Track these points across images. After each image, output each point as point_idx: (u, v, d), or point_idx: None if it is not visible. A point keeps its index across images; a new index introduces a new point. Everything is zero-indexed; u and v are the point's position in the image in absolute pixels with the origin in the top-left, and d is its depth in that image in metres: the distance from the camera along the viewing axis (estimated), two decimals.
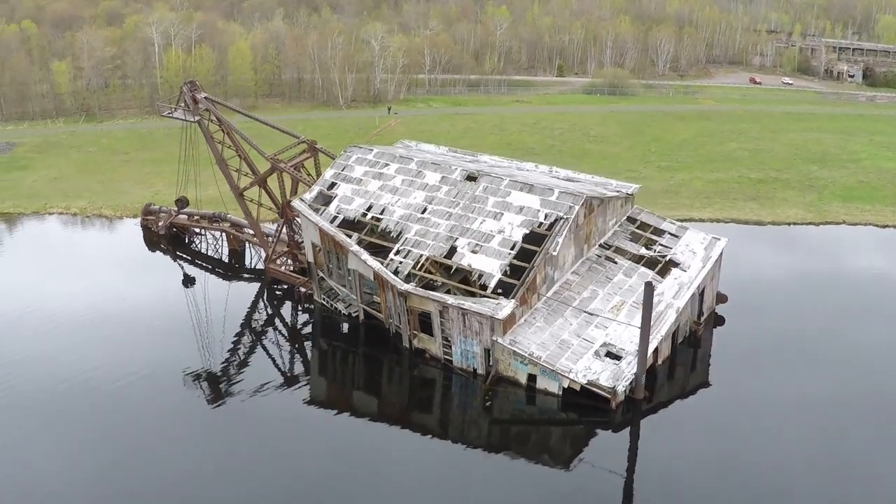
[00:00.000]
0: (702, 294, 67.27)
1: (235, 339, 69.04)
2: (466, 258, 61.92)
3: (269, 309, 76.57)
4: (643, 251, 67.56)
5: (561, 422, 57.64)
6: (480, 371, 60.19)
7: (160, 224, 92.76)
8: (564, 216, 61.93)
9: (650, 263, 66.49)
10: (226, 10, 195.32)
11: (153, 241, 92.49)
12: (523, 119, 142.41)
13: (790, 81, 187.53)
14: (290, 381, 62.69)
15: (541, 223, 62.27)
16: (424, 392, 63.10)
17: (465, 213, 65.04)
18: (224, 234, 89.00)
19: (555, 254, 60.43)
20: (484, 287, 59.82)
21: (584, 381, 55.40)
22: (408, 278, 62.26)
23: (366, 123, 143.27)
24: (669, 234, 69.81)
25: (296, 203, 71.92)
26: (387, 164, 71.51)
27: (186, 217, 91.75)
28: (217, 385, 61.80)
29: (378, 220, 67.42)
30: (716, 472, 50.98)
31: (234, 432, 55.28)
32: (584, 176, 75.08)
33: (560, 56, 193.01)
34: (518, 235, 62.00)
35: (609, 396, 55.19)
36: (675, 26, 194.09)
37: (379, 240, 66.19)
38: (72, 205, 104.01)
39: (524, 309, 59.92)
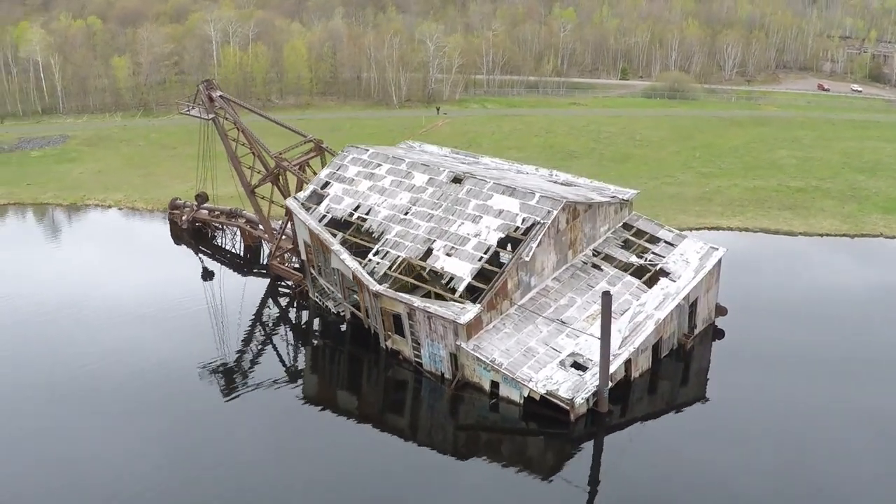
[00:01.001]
0: (694, 306, 64.52)
1: (234, 334, 69.32)
2: (440, 261, 61.08)
3: (270, 306, 76.84)
4: (633, 259, 65.36)
5: (521, 431, 56.20)
6: (448, 375, 59.21)
7: (183, 218, 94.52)
8: (541, 221, 60.35)
9: (639, 272, 64.23)
10: (290, 9, 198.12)
11: (178, 234, 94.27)
12: (573, 122, 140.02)
13: (859, 89, 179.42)
14: (273, 378, 62.64)
15: (517, 227, 60.89)
16: (396, 394, 62.45)
17: (446, 215, 64.17)
18: (239, 230, 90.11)
19: (527, 259, 58.93)
20: (453, 290, 58.77)
21: (543, 391, 53.88)
22: (383, 279, 61.68)
23: (413, 123, 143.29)
24: (665, 242, 67.40)
25: (288, 201, 72.28)
26: (379, 165, 71.19)
27: (207, 212, 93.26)
28: (199, 379, 62.14)
29: (363, 220, 67.15)
30: (680, 489, 49.24)
31: (203, 425, 55.70)
32: (583, 180, 73.22)
33: (625, 59, 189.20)
34: (493, 239, 60.79)
35: (567, 408, 53.35)
36: (745, 30, 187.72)
37: (362, 240, 65.88)
38: (108, 197, 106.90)
39: (493, 314, 58.64)
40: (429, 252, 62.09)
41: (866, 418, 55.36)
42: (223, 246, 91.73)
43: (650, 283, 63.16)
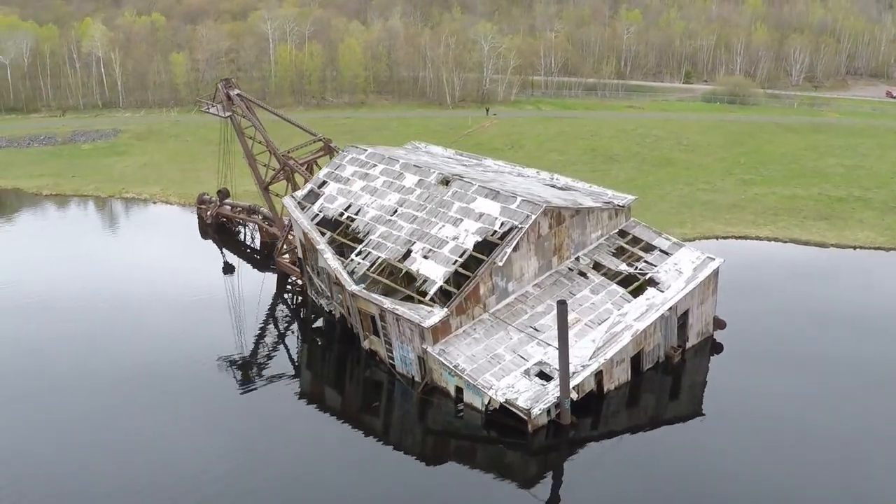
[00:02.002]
0: (685, 317, 62.13)
1: (235, 328, 69.71)
2: (417, 263, 60.34)
3: (275, 302, 77.17)
4: (623, 267, 63.29)
5: (483, 439, 54.81)
6: (418, 378, 58.42)
7: (208, 213, 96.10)
8: (519, 225, 58.93)
9: (627, 281, 62.12)
10: (355, 7, 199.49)
11: (204, 229, 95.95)
12: (622, 125, 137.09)
13: None
14: (262, 373, 63.12)
15: (494, 231, 59.60)
16: (372, 395, 61.79)
17: (429, 217, 63.37)
18: (257, 226, 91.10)
19: (500, 264, 57.58)
20: (424, 293, 57.92)
21: (502, 400, 52.60)
22: (362, 279, 61.29)
23: (460, 124, 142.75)
24: (660, 250, 65.08)
25: (285, 199, 72.56)
26: (375, 165, 70.85)
27: (230, 208, 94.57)
28: (185, 371, 62.66)
29: (352, 219, 66.97)
30: None
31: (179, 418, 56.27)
32: (581, 185, 71.38)
33: (689, 62, 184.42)
34: (470, 243, 59.71)
35: (525, 418, 51.95)
36: (814, 35, 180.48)
37: (349, 240, 65.65)
38: (145, 191, 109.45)
39: (464, 319, 57.58)
40: (408, 254, 61.37)
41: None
42: (245, 241, 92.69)
43: (637, 292, 60.93)
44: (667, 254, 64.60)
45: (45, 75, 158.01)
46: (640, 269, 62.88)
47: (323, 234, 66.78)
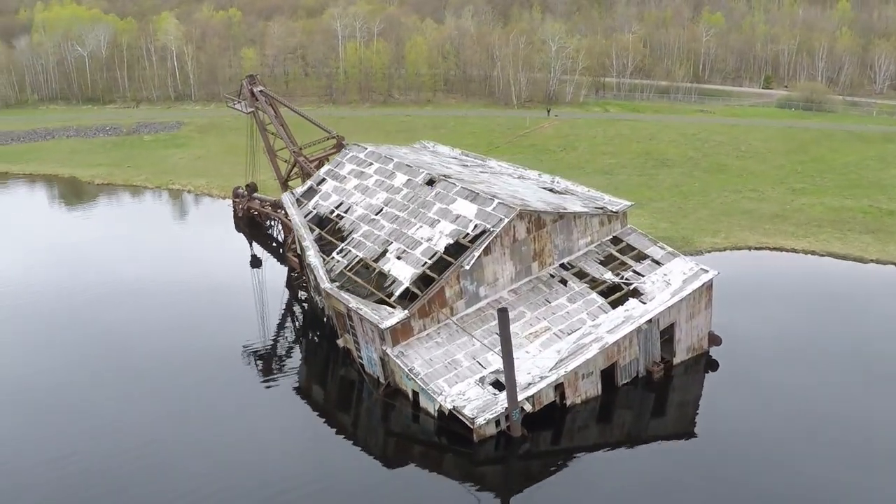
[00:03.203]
0: (670, 332, 59.34)
1: (240, 322, 70.09)
2: (389, 263, 59.49)
3: (283, 297, 77.37)
4: (607, 276, 60.82)
5: (434, 445, 53.81)
6: (382, 380, 57.63)
7: (239, 207, 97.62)
8: (491, 228, 57.33)
9: (609, 290, 59.71)
10: (432, 6, 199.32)
11: (237, 222, 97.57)
12: (685, 129, 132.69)
13: None
14: (249, 365, 63.65)
15: (467, 234, 58.15)
16: (344, 393, 61.32)
17: (410, 217, 62.43)
18: (280, 221, 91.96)
19: (467, 268, 56.14)
20: (390, 294, 57.03)
21: (449, 406, 51.29)
22: (339, 277, 60.89)
23: (518, 124, 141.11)
24: (652, 260, 62.31)
25: (284, 196, 72.83)
26: (371, 164, 70.35)
27: (259, 202, 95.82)
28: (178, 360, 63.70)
29: (341, 217, 66.60)
30: None
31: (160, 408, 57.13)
32: (581, 188, 69.08)
33: (770, 67, 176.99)
34: (442, 245, 58.43)
35: (471, 427, 50.53)
36: None
37: (335, 238, 65.37)
38: (191, 183, 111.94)
39: (427, 322, 56.37)
40: (384, 254, 60.58)
41: None
42: (273, 235, 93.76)
43: (617, 303, 58.44)
44: (658, 263, 61.78)
45: (121, 67, 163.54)
46: (626, 279, 60.21)
47: (312, 230, 66.57)
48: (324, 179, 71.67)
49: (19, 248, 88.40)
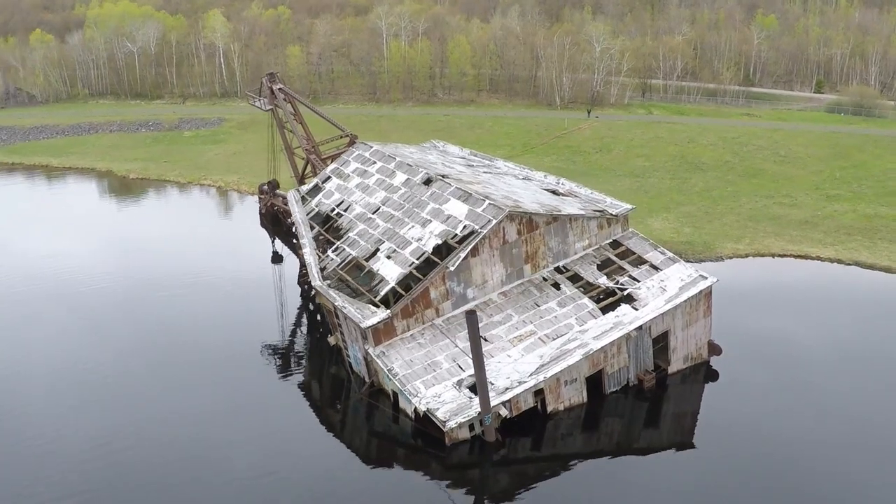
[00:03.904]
0: (664, 340, 57.87)
1: (248, 316, 70.95)
2: (379, 262, 59.15)
3: (292, 293, 77.75)
4: (602, 281, 59.54)
5: (410, 447, 53.39)
6: (367, 379, 57.42)
7: (262, 203, 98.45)
8: (479, 229, 56.59)
9: (602, 295, 58.43)
10: (482, 6, 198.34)
11: (261, 219, 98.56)
12: (725, 133, 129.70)
13: None
14: (254, 360, 63.90)
15: (455, 235, 57.49)
16: (333, 391, 61.23)
17: (404, 217, 62.03)
18: None
19: (452, 269, 55.52)
20: (376, 294, 56.73)
21: (423, 408, 50.77)
22: (331, 275, 60.83)
23: (557, 124, 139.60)
24: (651, 265, 60.81)
25: (289, 193, 73.09)
26: (374, 163, 70.15)
27: (281, 199, 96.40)
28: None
29: (340, 215, 66.52)
30: None
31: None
32: (584, 191, 67.81)
33: (822, 71, 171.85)
34: (430, 246, 57.85)
35: (443, 430, 49.98)
36: None
37: (333, 236, 65.33)
38: (222, 179, 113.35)
39: (411, 322, 55.91)
40: (375, 253, 60.26)
41: None
42: (294, 231, 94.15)
43: (608, 308, 57.14)
44: (657, 269, 60.25)
45: (170, 64, 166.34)
46: (620, 284, 58.85)
47: (312, 228, 66.61)
48: (329, 177, 71.70)
49: (46, 239, 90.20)
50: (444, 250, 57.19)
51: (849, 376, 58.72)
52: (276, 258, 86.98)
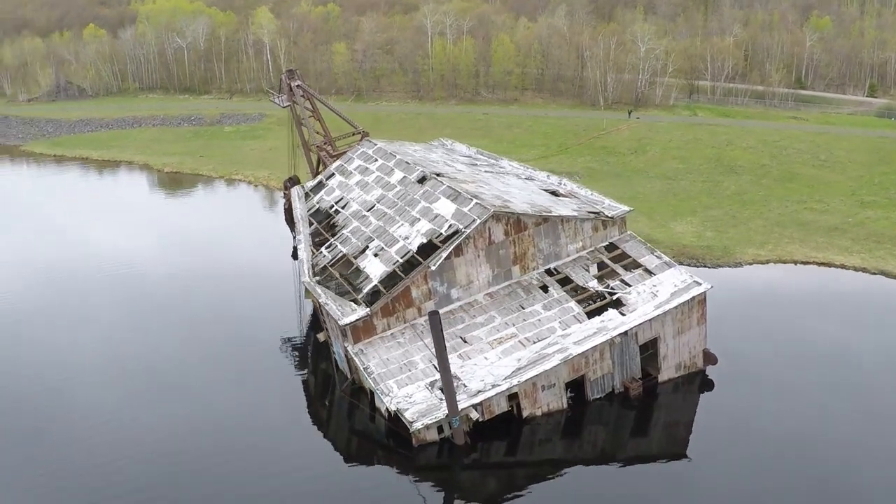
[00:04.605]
0: (653, 347, 56.50)
1: (256, 311, 71.64)
2: (366, 260, 58.97)
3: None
4: (592, 284, 58.35)
5: (383, 446, 53.11)
6: (349, 376, 57.36)
7: (286, 199, 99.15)
8: (463, 229, 55.97)
9: (590, 299, 57.27)
10: (533, 4, 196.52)
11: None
12: (766, 136, 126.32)
13: None
14: (254, 355, 64.41)
15: (440, 234, 56.97)
16: (321, 388, 61.17)
17: (395, 215, 61.72)
18: None
19: (433, 268, 55.01)
20: (359, 291, 56.58)
21: (393, 408, 50.43)
22: (321, 272, 60.93)
23: (596, 125, 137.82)
24: (645, 269, 59.38)
25: (294, 189, 73.35)
26: (376, 160, 70.03)
27: None
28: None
29: (337, 213, 66.57)
30: None
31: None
32: (585, 192, 66.50)
33: (876, 74, 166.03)
34: (416, 244, 57.44)
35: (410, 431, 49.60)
36: None
37: (329, 233, 65.43)
38: (254, 174, 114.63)
39: (392, 321, 55.55)
40: (364, 250, 60.10)
41: None
42: None
43: (595, 313, 55.95)
44: (651, 273, 58.74)
45: (218, 59, 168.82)
46: (611, 288, 57.57)
47: (311, 224, 66.78)
48: (332, 174, 71.84)
49: (70, 230, 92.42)
50: (429, 249, 56.59)
51: (857, 390, 56.31)
52: (296, 254, 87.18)
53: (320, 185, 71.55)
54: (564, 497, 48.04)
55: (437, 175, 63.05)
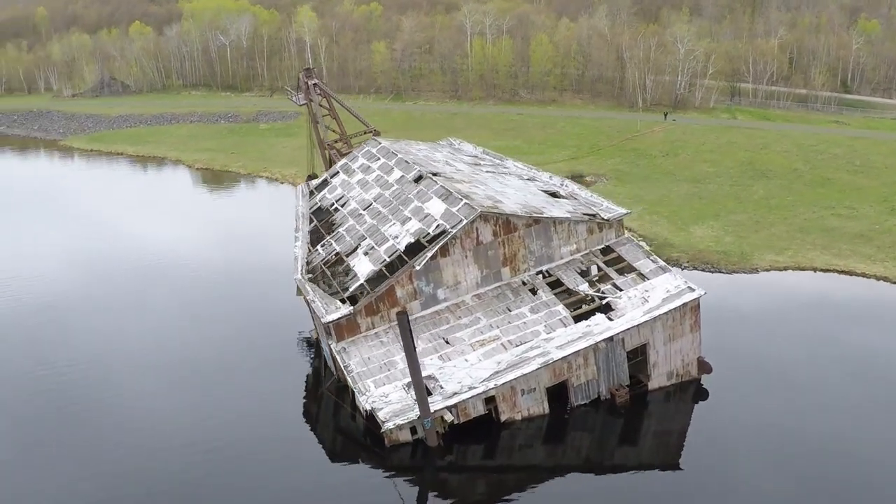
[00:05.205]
0: (642, 353, 55.49)
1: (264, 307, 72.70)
2: (357, 259, 59.00)
3: None
4: (583, 287, 57.51)
5: (359, 445, 53.19)
6: (335, 373, 57.51)
7: None
8: (449, 229, 55.63)
9: (581, 303, 56.47)
10: (578, 4, 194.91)
11: None
12: (803, 140, 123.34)
13: None
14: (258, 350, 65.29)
15: (427, 234, 56.72)
16: (312, 385, 61.38)
17: (389, 214, 61.63)
18: None
19: (418, 268, 54.78)
20: (346, 290, 56.66)
21: (368, 407, 50.38)
22: (314, 269, 61.20)
23: (630, 127, 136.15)
24: (638, 273, 58.29)
25: (299, 186, 73.82)
26: (378, 159, 70.04)
27: None
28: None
29: (337, 210, 66.80)
30: None
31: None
32: (584, 194, 65.58)
33: None
34: (404, 244, 57.27)
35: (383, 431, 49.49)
36: None
37: (326, 231, 65.69)
38: (281, 172, 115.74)
39: (376, 320, 55.47)
40: (356, 249, 60.14)
41: None
42: None
43: (583, 317, 55.12)
44: (644, 278, 57.63)
45: (261, 57, 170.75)
46: (601, 292, 56.64)
47: (311, 222, 67.10)
48: (337, 172, 72.01)
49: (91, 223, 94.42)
50: (416, 249, 56.35)
51: (862, 404, 54.48)
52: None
53: (325, 183, 71.83)
54: (545, 500, 47.19)
55: (433, 174, 62.65)
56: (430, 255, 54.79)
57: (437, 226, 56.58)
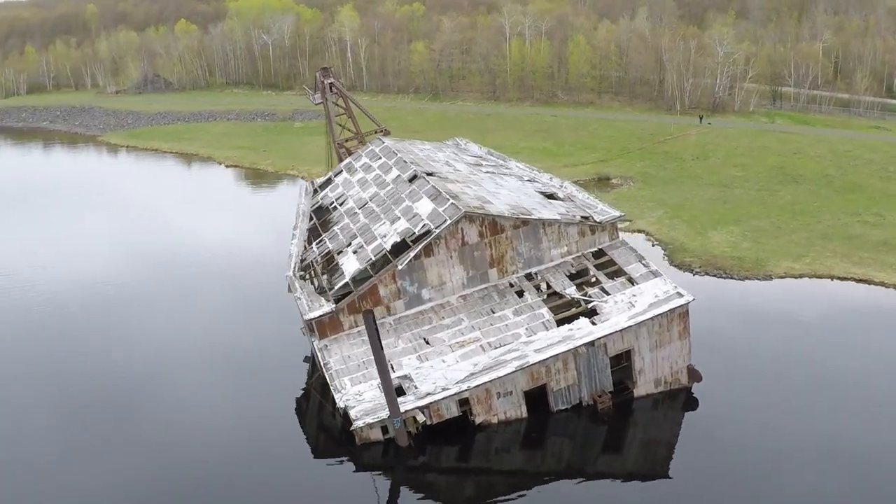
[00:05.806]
0: (627, 359, 54.80)
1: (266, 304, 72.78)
2: (346, 257, 59.37)
3: None
4: (570, 291, 57.00)
5: (336, 442, 53.40)
6: (320, 370, 57.84)
7: None
8: (433, 229, 55.63)
9: (566, 306, 55.99)
10: (621, 6, 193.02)
11: None
12: (839, 145, 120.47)
13: None
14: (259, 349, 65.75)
15: (413, 234, 56.80)
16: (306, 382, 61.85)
17: (381, 213, 61.89)
18: None
19: (400, 268, 54.91)
20: (332, 288, 57.06)
21: (342, 405, 50.67)
22: (306, 267, 61.78)
23: (663, 130, 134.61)
24: (628, 277, 57.56)
25: (304, 184, 74.49)
26: (380, 158, 70.36)
27: None
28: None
29: (335, 209, 67.32)
30: None
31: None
32: (581, 196, 64.98)
33: None
34: (389, 244, 57.44)
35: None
36: None
37: (323, 229, 66.24)
38: (307, 170, 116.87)
39: (359, 319, 55.66)
40: (346, 247, 60.51)
41: None
42: None
43: (566, 321, 54.63)
44: (633, 282, 56.84)
45: (303, 56, 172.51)
46: (588, 296, 56.05)
47: (311, 219, 67.70)
48: (340, 171, 72.46)
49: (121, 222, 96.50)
50: (402, 248, 56.44)
51: (862, 414, 52.90)
52: None
53: (328, 182, 72.30)
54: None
55: (428, 174, 62.63)
56: (412, 254, 54.73)
57: (423, 225, 56.57)
